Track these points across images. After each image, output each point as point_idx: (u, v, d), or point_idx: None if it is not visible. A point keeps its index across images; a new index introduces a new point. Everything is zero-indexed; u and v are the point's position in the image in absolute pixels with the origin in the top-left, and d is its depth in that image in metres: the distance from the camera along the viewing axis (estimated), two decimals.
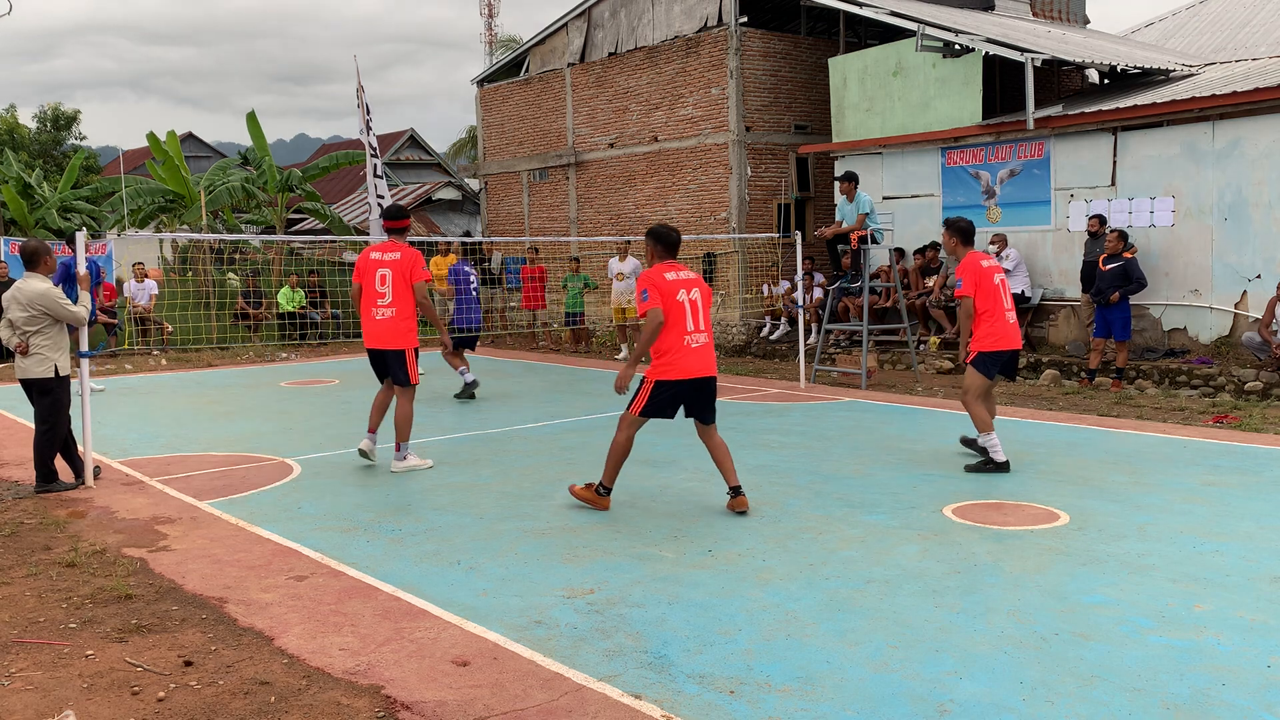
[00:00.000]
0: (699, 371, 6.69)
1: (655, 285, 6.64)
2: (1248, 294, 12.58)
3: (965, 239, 8.24)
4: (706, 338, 6.76)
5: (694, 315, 6.69)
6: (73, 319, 7.68)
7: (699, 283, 6.85)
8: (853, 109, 16.97)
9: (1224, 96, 12.54)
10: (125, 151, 45.12)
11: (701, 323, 6.74)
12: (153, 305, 18.93)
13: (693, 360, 6.65)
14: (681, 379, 6.65)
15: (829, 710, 3.88)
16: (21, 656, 4.59)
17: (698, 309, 6.73)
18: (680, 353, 6.63)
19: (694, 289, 6.76)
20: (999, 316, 7.95)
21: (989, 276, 7.97)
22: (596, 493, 6.90)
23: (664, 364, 6.65)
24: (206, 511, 7.09)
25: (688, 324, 6.66)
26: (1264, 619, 4.70)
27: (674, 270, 6.78)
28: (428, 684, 4.20)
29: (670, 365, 6.63)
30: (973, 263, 8.02)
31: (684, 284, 6.74)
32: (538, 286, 19.03)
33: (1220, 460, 8.18)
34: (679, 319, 6.63)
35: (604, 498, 6.89)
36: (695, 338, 6.67)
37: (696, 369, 6.68)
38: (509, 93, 23.50)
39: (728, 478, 6.82)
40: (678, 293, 6.67)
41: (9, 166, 29.30)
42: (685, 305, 6.67)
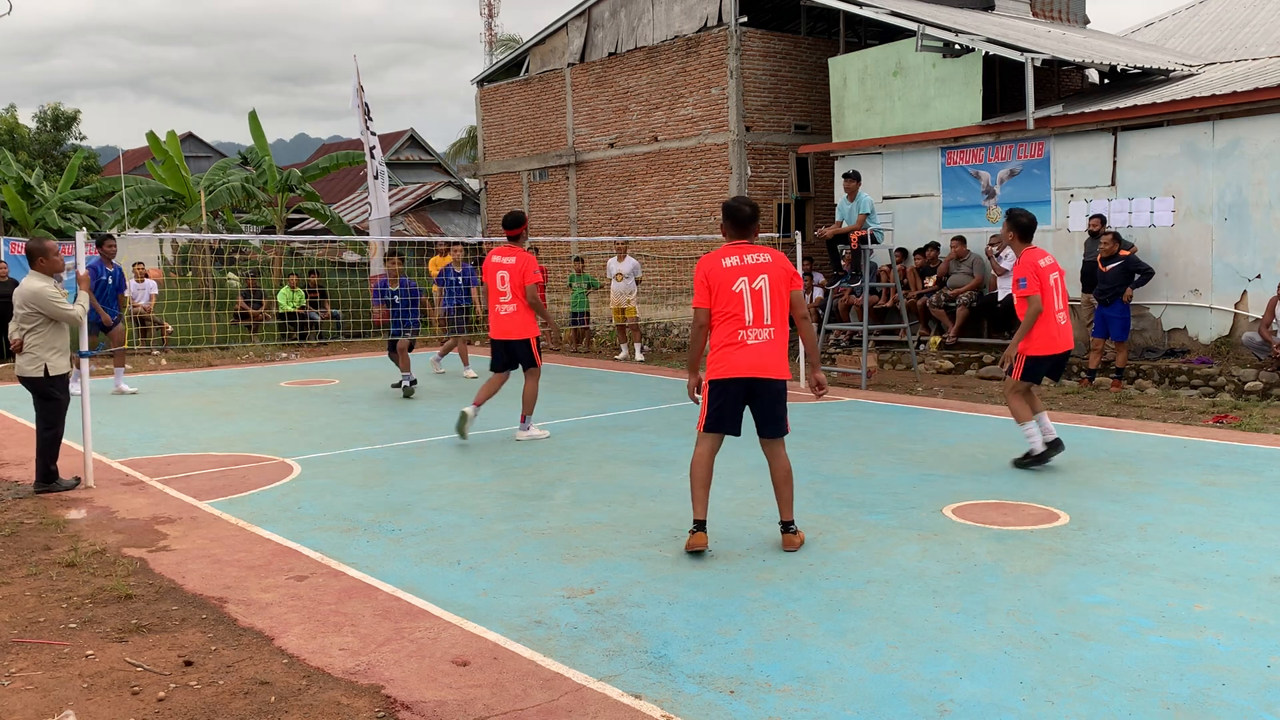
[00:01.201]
0: (751, 370, 5.81)
1: (705, 276, 5.87)
2: (1248, 294, 12.58)
3: (1024, 235, 7.95)
4: (771, 334, 5.84)
5: (756, 307, 5.81)
6: (65, 317, 7.65)
7: (771, 267, 5.87)
8: (853, 109, 16.97)
9: (1224, 96, 12.54)
10: (125, 151, 45.12)
11: (768, 316, 5.83)
12: (153, 305, 18.93)
13: (745, 357, 5.81)
14: (730, 378, 5.84)
15: (829, 710, 3.88)
16: (21, 656, 4.59)
17: (762, 300, 5.82)
18: (731, 348, 5.82)
19: (760, 276, 5.83)
20: (1051, 319, 7.80)
21: (1047, 276, 7.78)
22: (690, 531, 5.98)
23: (715, 362, 5.90)
24: (206, 511, 7.09)
25: (746, 316, 5.80)
26: (1264, 619, 4.70)
27: (737, 254, 5.88)
28: (428, 684, 4.21)
29: (720, 363, 5.87)
30: (1032, 261, 7.80)
31: (746, 270, 5.84)
32: None
33: (1220, 460, 8.18)
34: (735, 311, 5.80)
35: (695, 534, 5.91)
36: (752, 333, 5.81)
37: (747, 367, 5.81)
38: (509, 93, 23.50)
39: (781, 509, 6.04)
40: (734, 281, 5.82)
41: (9, 166, 29.30)
42: (744, 295, 5.81)
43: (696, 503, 5.94)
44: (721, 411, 5.89)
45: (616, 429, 10.10)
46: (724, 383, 5.86)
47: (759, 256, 5.90)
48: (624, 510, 6.88)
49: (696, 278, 5.94)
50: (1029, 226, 7.97)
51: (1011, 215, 8.04)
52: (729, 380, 5.85)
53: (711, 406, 5.90)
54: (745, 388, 5.87)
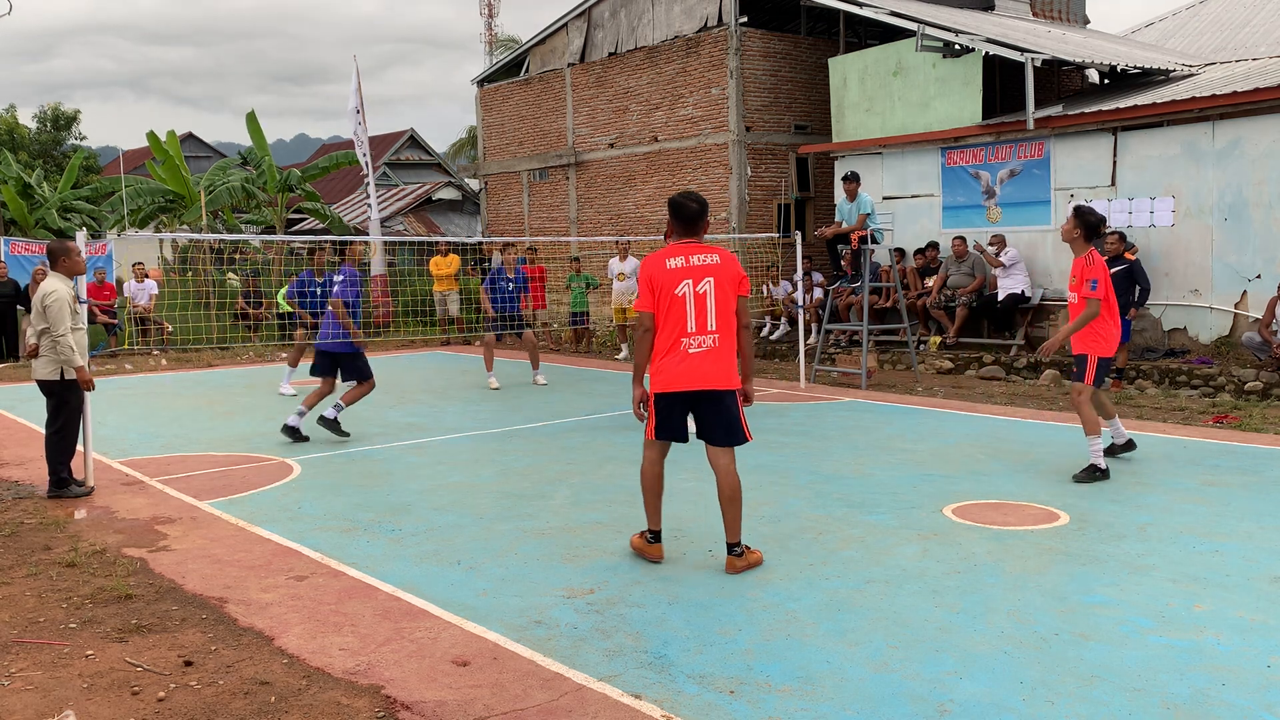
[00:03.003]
0: (693, 383, 5.45)
1: (649, 278, 5.49)
2: (1248, 294, 12.58)
3: (1091, 233, 7.63)
4: (715, 341, 5.46)
5: (699, 312, 5.43)
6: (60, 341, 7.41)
7: (719, 270, 5.49)
8: (853, 109, 16.97)
9: (1224, 96, 12.54)
10: (125, 151, 45.14)
11: (712, 321, 5.45)
12: (153, 305, 18.93)
13: (687, 368, 5.44)
14: (673, 391, 5.50)
15: (829, 710, 3.88)
16: (21, 656, 4.59)
17: (705, 305, 5.44)
18: (673, 358, 5.46)
19: (705, 279, 5.45)
20: (1115, 320, 7.72)
21: (1109, 279, 7.65)
22: (646, 540, 5.82)
23: (658, 372, 5.54)
24: (206, 511, 7.08)
25: (688, 323, 5.43)
26: (1264, 619, 4.70)
27: (682, 254, 5.50)
28: (428, 684, 4.20)
29: (662, 374, 5.51)
30: (1101, 262, 7.59)
31: (690, 272, 5.45)
32: (537, 286, 19.02)
33: (1220, 460, 8.18)
34: (676, 317, 5.44)
35: (652, 545, 5.77)
36: (696, 340, 5.44)
37: (689, 379, 5.45)
38: (509, 93, 23.50)
39: (727, 529, 5.58)
40: (678, 284, 5.43)
41: (9, 166, 29.29)
42: (687, 299, 5.43)
43: (651, 512, 5.74)
44: (669, 421, 5.59)
45: (616, 429, 10.09)
46: (667, 396, 5.53)
47: (706, 258, 5.51)
48: (624, 510, 6.88)
49: (640, 279, 5.56)
50: (1096, 226, 7.66)
51: (1080, 210, 7.68)
52: (674, 394, 5.52)
53: (659, 417, 5.59)
54: (688, 399, 5.54)
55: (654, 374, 5.57)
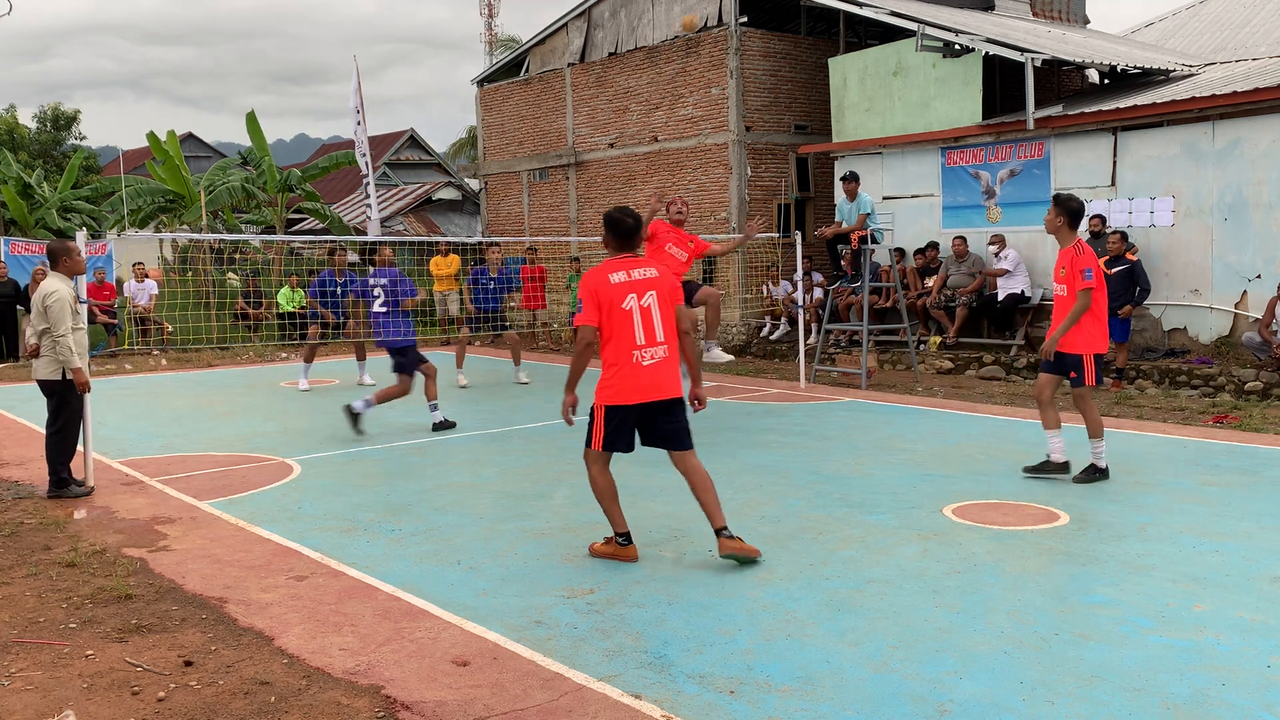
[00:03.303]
0: (648, 394, 5.59)
1: (593, 293, 5.57)
2: (1248, 294, 12.57)
3: (1075, 221, 7.37)
4: (665, 351, 5.62)
5: (647, 325, 5.57)
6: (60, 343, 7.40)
7: (658, 283, 5.67)
8: (853, 109, 16.96)
9: (1224, 96, 12.54)
10: (125, 151, 45.13)
11: (659, 333, 5.60)
12: (153, 305, 18.93)
13: (641, 380, 5.57)
14: (629, 404, 5.62)
15: (829, 710, 3.88)
16: (21, 656, 4.59)
17: (652, 317, 5.59)
18: (627, 370, 5.56)
19: (648, 292, 5.60)
20: (1104, 315, 7.49)
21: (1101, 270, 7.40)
22: (617, 544, 5.85)
23: (608, 385, 5.65)
24: (206, 511, 7.08)
25: (636, 336, 5.54)
26: (1264, 619, 4.70)
27: (623, 269, 5.64)
28: (428, 684, 4.20)
29: (614, 387, 5.62)
30: (1093, 254, 7.33)
31: (634, 286, 5.58)
32: (537, 286, 19.03)
33: (1220, 460, 8.18)
34: (625, 330, 5.56)
35: (626, 547, 5.82)
36: (647, 352, 5.56)
37: (644, 390, 5.58)
38: (509, 93, 23.50)
39: (711, 517, 5.70)
40: (624, 299, 5.55)
41: (9, 166, 29.29)
42: (634, 313, 5.55)
43: (614, 517, 5.81)
44: (618, 434, 5.71)
45: None
46: (621, 409, 5.65)
47: (645, 271, 5.68)
48: (624, 510, 6.87)
49: (582, 293, 5.62)
50: (1079, 212, 7.40)
51: (1060, 199, 7.44)
52: (629, 407, 5.64)
53: (608, 429, 5.69)
54: (644, 412, 5.67)
55: (604, 387, 5.66)
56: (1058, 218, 7.38)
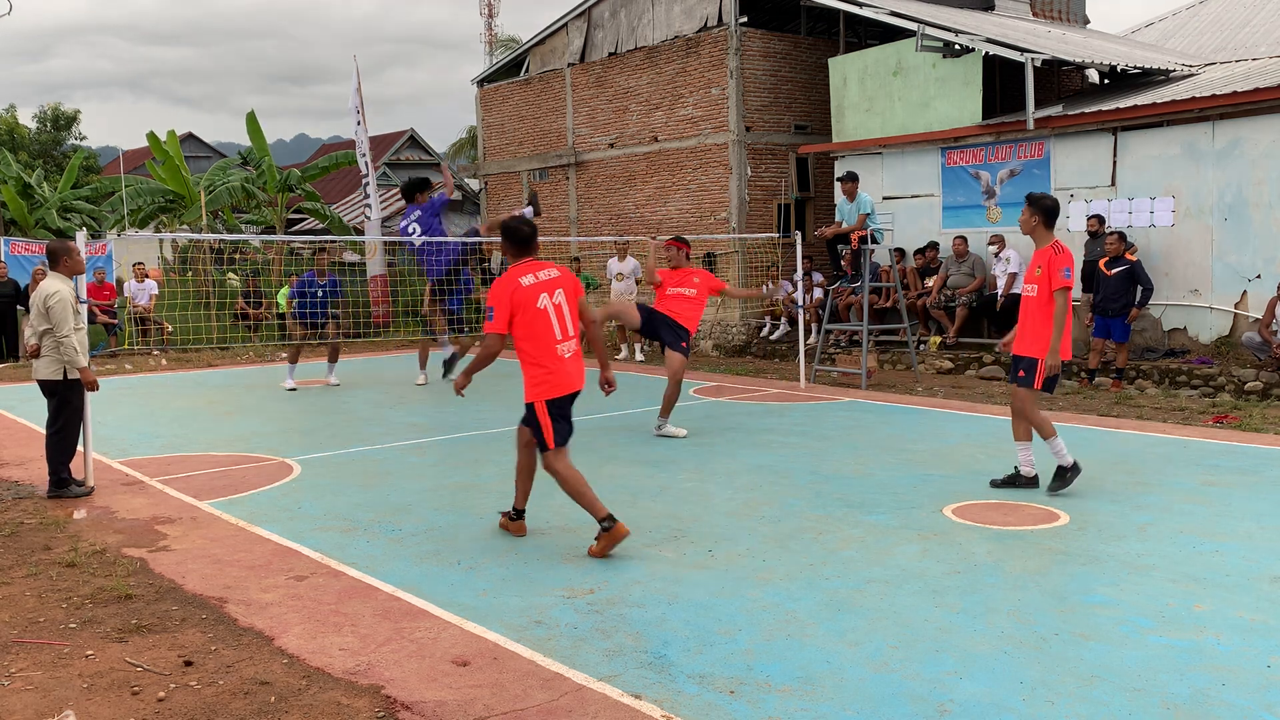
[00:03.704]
0: (575, 384, 6.09)
1: (507, 299, 5.88)
2: (1248, 294, 12.58)
3: (1049, 219, 7.14)
4: (575, 344, 6.11)
5: (560, 321, 6.00)
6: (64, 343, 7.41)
7: (563, 280, 6.09)
8: (853, 109, 16.97)
9: (1224, 96, 12.54)
10: (125, 151, 45.13)
11: (569, 328, 6.06)
12: (153, 305, 18.94)
13: (567, 370, 6.03)
14: (565, 395, 6.05)
15: (829, 710, 3.88)
16: (21, 656, 4.59)
17: (563, 313, 6.03)
18: (554, 365, 5.98)
19: (556, 290, 6.03)
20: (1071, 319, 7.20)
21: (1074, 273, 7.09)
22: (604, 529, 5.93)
23: (545, 380, 6.00)
24: (206, 511, 7.09)
25: (555, 332, 5.98)
26: (1264, 619, 4.70)
27: (530, 272, 5.99)
28: (428, 684, 4.20)
29: (548, 382, 6.00)
30: (1069, 255, 7.01)
31: (544, 286, 5.98)
32: None
33: (1220, 460, 8.18)
34: (544, 328, 5.94)
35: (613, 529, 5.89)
36: (565, 346, 6.03)
37: (573, 381, 6.07)
38: (509, 93, 23.50)
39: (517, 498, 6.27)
40: (537, 299, 5.93)
41: (9, 166, 29.29)
42: (549, 311, 5.97)
43: (594, 506, 5.98)
44: (562, 425, 6.09)
45: (616, 429, 10.10)
46: (561, 400, 6.04)
47: (549, 272, 6.10)
48: (624, 510, 6.87)
49: (494, 300, 5.92)
50: (1054, 210, 7.17)
51: (1034, 199, 7.21)
52: (565, 397, 6.05)
53: (556, 425, 6.04)
54: (570, 400, 6.13)
55: (538, 384, 6.01)
56: (1032, 217, 7.17)
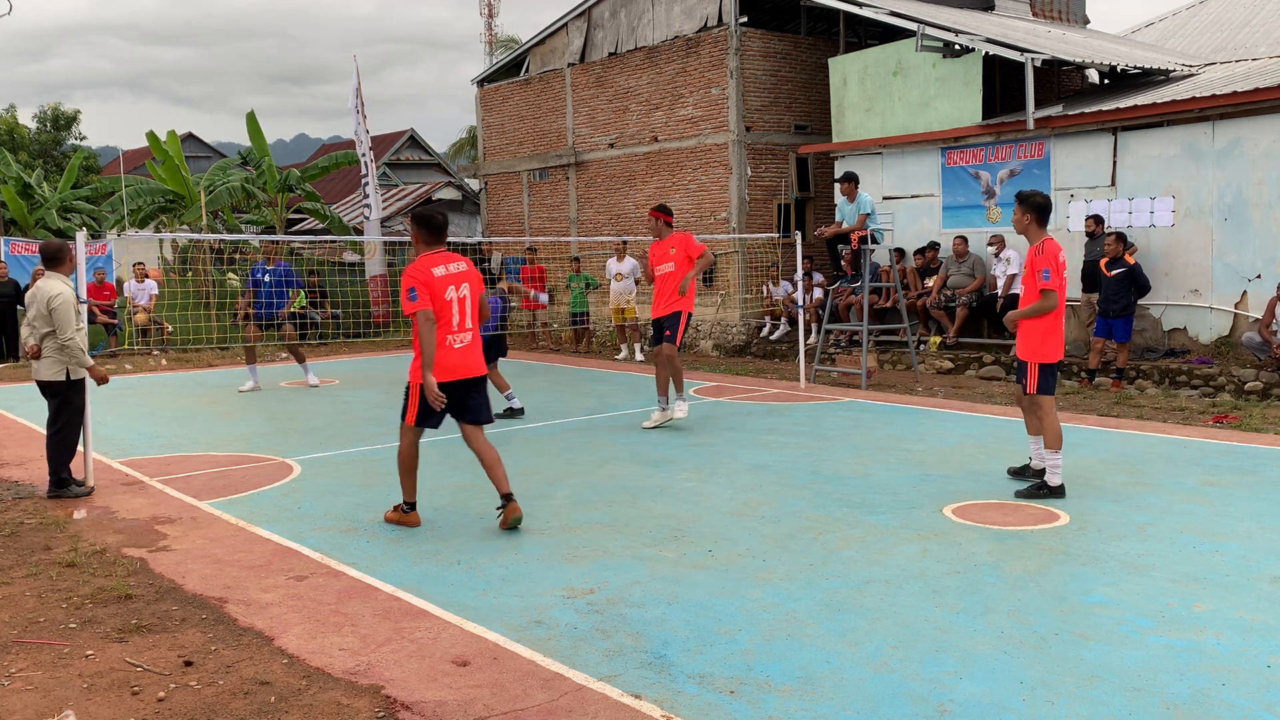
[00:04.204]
0: (458, 372, 6.39)
1: (425, 284, 6.24)
2: (1248, 294, 12.58)
3: (1042, 218, 7.11)
4: (471, 335, 6.44)
5: (460, 313, 6.38)
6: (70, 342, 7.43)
7: (469, 275, 6.46)
8: (853, 109, 16.97)
9: (1224, 96, 12.54)
10: (125, 151, 45.13)
11: (468, 320, 6.42)
12: (153, 305, 18.94)
13: (453, 360, 6.36)
14: (445, 381, 6.32)
15: (829, 710, 3.88)
16: (21, 656, 4.59)
17: (465, 306, 6.39)
18: (441, 353, 6.30)
19: (464, 284, 6.40)
20: (1062, 320, 7.12)
21: (1062, 271, 7.05)
22: (403, 512, 6.59)
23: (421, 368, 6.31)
24: (206, 511, 7.09)
25: (452, 323, 6.34)
26: (1264, 619, 4.70)
27: (443, 263, 6.38)
28: (428, 684, 4.20)
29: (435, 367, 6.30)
30: (1056, 252, 6.99)
31: (453, 279, 6.36)
32: (537, 287, 19.03)
33: (1220, 460, 8.18)
34: (444, 317, 6.30)
35: (410, 514, 6.57)
36: (459, 337, 6.38)
37: (456, 370, 6.38)
38: (509, 93, 23.50)
39: (498, 485, 6.47)
40: (446, 290, 6.31)
41: (9, 166, 29.28)
42: (453, 303, 6.33)
43: (407, 488, 6.52)
44: (430, 410, 6.36)
45: (616, 429, 10.10)
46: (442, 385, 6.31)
47: (458, 265, 6.45)
48: (624, 510, 6.88)
49: (411, 283, 6.23)
50: (1045, 208, 7.12)
51: (1024, 197, 7.15)
52: (442, 385, 6.31)
53: (422, 406, 6.34)
54: (457, 387, 6.38)
55: (419, 368, 6.28)
56: (1024, 216, 7.13)
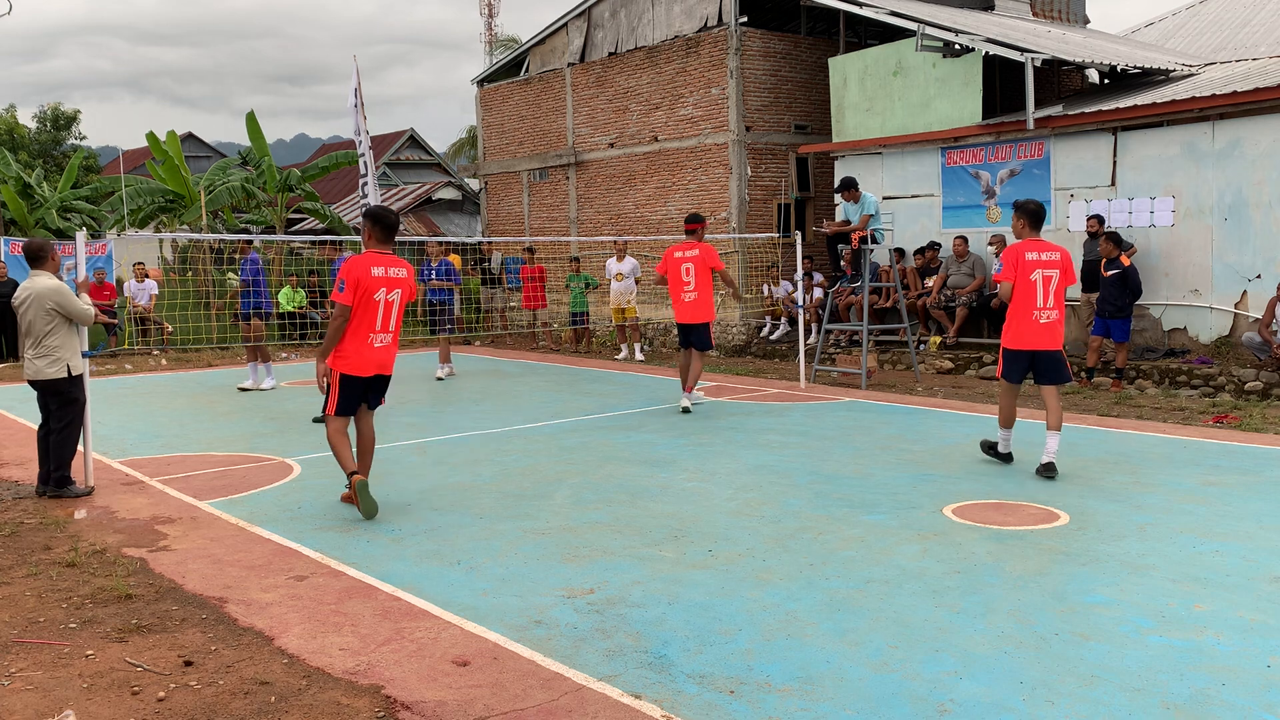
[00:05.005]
0: (376, 369, 6.79)
1: (357, 279, 6.55)
2: (1248, 294, 12.58)
3: (1034, 223, 7.85)
4: (391, 337, 6.78)
5: (386, 316, 6.68)
6: (82, 317, 7.60)
7: (404, 282, 6.75)
8: (853, 109, 16.97)
9: (1224, 96, 12.54)
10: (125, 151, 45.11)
11: (392, 323, 6.75)
12: (153, 305, 18.93)
13: (373, 357, 6.73)
14: (360, 376, 6.73)
15: (829, 710, 3.88)
16: (21, 656, 4.59)
17: (392, 310, 6.70)
18: (363, 348, 6.66)
19: (395, 289, 6.69)
20: (1026, 315, 7.65)
21: (1029, 270, 7.61)
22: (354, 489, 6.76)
23: (344, 357, 6.68)
24: (206, 511, 7.08)
25: (376, 323, 6.65)
26: (1264, 619, 4.70)
27: (383, 265, 6.65)
28: (428, 684, 4.20)
29: (349, 360, 6.68)
30: (1018, 251, 7.69)
31: (387, 282, 6.65)
32: (537, 286, 19.04)
33: (1220, 460, 8.18)
34: (369, 316, 6.61)
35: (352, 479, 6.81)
36: (380, 337, 6.71)
37: (374, 366, 6.76)
38: (509, 93, 23.50)
39: (361, 467, 6.90)
40: (377, 290, 6.61)
41: (9, 166, 29.28)
42: (380, 304, 6.63)
43: (346, 460, 6.81)
44: (351, 400, 6.82)
45: (616, 429, 10.10)
46: (354, 379, 6.75)
47: (398, 271, 6.73)
48: (624, 510, 6.88)
49: (345, 274, 6.53)
50: (1038, 214, 7.85)
51: (1018, 205, 7.96)
52: (359, 377, 6.75)
53: (343, 396, 6.78)
54: (370, 381, 6.84)
55: (340, 358, 6.70)
56: (1018, 220, 7.91)
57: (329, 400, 6.82)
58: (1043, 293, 7.61)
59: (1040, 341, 7.68)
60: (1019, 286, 7.65)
